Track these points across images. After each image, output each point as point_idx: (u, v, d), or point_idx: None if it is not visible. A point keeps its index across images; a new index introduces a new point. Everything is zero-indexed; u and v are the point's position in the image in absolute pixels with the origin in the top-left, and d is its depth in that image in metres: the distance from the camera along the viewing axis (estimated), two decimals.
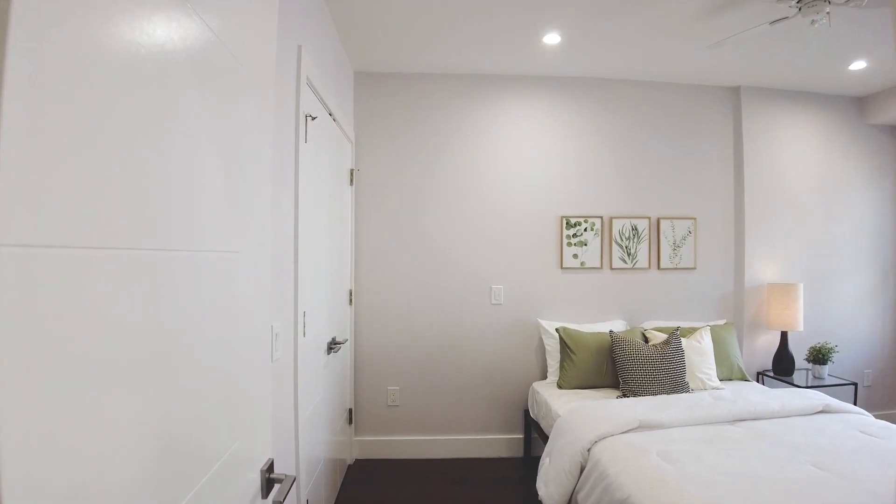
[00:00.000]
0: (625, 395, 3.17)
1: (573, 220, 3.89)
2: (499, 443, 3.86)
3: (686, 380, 3.23)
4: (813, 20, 2.43)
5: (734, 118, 4.12)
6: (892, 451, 2.23)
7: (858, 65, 3.61)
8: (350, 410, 3.67)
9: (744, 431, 2.49)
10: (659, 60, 3.59)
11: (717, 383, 3.41)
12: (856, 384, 3.73)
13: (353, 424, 3.73)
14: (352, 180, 3.67)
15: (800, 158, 4.16)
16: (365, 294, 3.78)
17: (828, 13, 2.37)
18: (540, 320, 3.80)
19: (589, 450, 2.43)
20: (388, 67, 3.73)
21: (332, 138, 3.01)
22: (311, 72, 2.35)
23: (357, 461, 3.74)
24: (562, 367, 3.51)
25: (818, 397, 2.89)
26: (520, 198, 3.88)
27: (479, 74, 3.86)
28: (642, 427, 2.51)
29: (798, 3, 2.43)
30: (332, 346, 2.95)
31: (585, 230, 3.90)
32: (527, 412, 3.73)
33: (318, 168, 2.60)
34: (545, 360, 3.78)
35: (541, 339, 3.85)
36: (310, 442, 2.44)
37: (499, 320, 3.86)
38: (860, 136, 4.29)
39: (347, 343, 3.57)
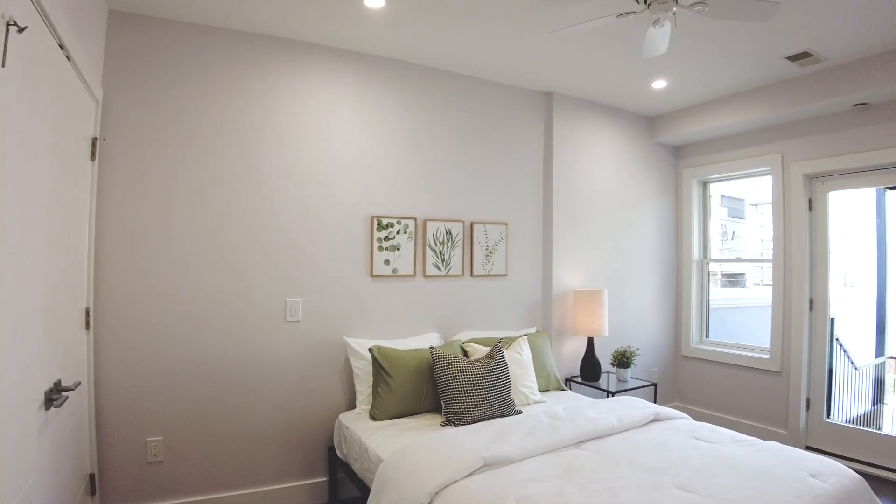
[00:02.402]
0: (450, 421, 2.74)
1: (385, 221, 3.39)
2: (299, 491, 3.15)
3: (512, 396, 2.94)
4: (657, 19, 2.30)
5: (546, 125, 4.08)
6: (734, 457, 2.23)
7: (660, 83, 3.78)
8: (92, 476, 2.63)
9: (594, 455, 2.26)
10: (490, 49, 3.27)
11: (539, 396, 3.22)
12: (655, 385, 3.88)
13: (96, 495, 2.68)
14: (94, 153, 2.62)
15: (602, 169, 4.30)
16: (110, 313, 2.75)
17: (674, 13, 2.26)
18: (347, 339, 3.20)
19: None
20: (159, 10, 2.78)
21: (63, 85, 2.03)
22: None
23: None
24: (375, 393, 2.96)
25: (646, 406, 2.87)
26: (324, 192, 3.24)
27: (282, 37, 3.12)
28: (487, 466, 2.09)
29: None
30: (55, 395, 1.96)
31: (399, 233, 3.44)
32: (332, 450, 3.09)
33: (27, 119, 1.66)
34: (353, 385, 3.19)
35: (347, 362, 3.24)
36: None
37: (296, 341, 3.16)
38: (650, 153, 4.63)
39: (83, 386, 2.54)
